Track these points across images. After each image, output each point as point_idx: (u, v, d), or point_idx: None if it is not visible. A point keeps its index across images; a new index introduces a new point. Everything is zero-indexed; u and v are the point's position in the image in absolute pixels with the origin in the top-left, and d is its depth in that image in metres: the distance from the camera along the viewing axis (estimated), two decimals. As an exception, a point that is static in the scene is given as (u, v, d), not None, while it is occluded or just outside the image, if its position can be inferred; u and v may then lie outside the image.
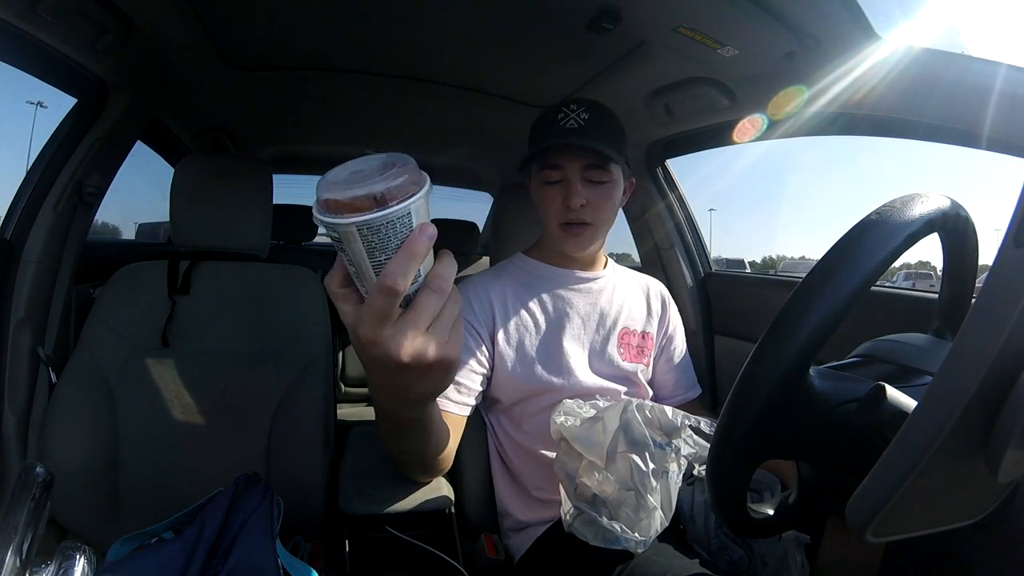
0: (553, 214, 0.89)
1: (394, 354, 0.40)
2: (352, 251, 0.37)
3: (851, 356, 0.56)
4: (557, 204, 0.88)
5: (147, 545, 0.70)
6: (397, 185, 0.35)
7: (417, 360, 0.41)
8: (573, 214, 0.87)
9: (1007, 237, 0.33)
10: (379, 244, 0.36)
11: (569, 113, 0.87)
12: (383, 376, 0.45)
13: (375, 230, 0.35)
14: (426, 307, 0.40)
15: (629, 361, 0.94)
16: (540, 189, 0.90)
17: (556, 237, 0.91)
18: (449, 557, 0.82)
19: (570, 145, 0.85)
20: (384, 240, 0.35)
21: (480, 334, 0.89)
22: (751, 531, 0.53)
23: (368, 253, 0.36)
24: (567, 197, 0.86)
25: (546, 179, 0.89)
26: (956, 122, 0.74)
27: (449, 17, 1.00)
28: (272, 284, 1.05)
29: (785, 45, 0.85)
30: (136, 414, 0.93)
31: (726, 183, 1.70)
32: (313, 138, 1.94)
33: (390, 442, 0.70)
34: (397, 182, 0.35)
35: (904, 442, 0.35)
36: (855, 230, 0.43)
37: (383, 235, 0.35)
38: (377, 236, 0.35)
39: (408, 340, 0.40)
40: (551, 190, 0.89)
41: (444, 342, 0.42)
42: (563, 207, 0.87)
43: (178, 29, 0.99)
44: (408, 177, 0.36)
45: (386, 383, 0.47)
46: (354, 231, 0.35)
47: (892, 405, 0.41)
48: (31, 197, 0.98)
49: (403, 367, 0.41)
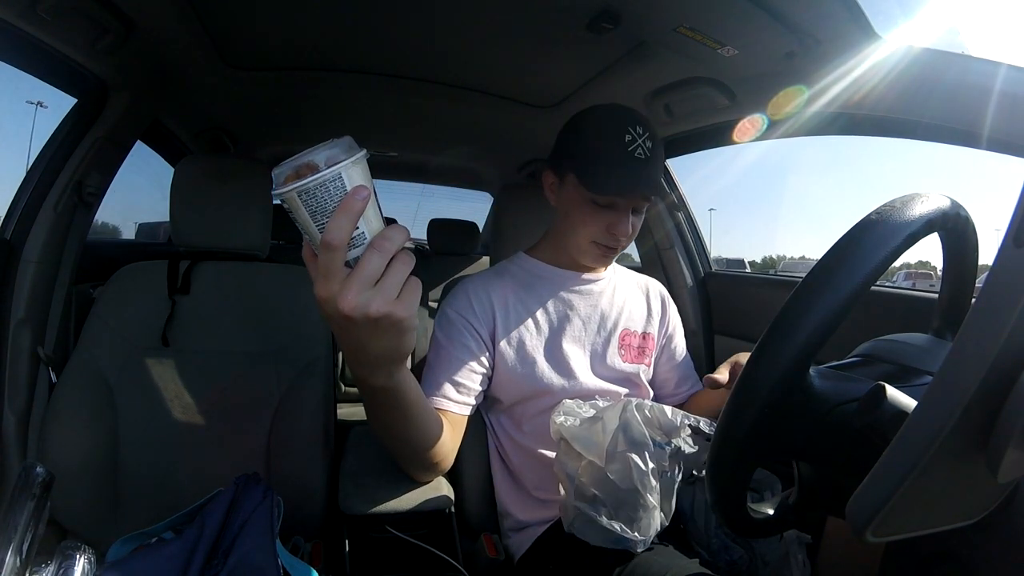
0: (591, 232, 0.86)
1: (339, 307, 0.44)
2: (299, 218, 0.42)
3: (851, 356, 0.56)
4: (600, 226, 0.85)
5: (147, 545, 0.70)
6: (327, 155, 0.41)
7: (360, 313, 0.45)
8: (613, 240, 0.86)
9: (1007, 237, 0.33)
10: (318, 207, 0.41)
11: (637, 138, 0.82)
12: (340, 332, 0.49)
13: (311, 193, 0.40)
14: (368, 264, 0.44)
15: (630, 363, 0.94)
16: (580, 204, 0.86)
17: (582, 250, 0.89)
18: (449, 557, 0.82)
19: (641, 183, 0.81)
20: (321, 203, 0.40)
21: (480, 333, 0.89)
22: (751, 531, 0.53)
23: (311, 217, 0.41)
24: (615, 225, 0.84)
25: (596, 200, 0.84)
26: (956, 122, 0.74)
27: (449, 17, 1.00)
28: (272, 284, 1.05)
29: (785, 45, 0.85)
30: (136, 414, 0.93)
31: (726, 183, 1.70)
32: (313, 138, 1.92)
33: (372, 418, 0.69)
34: (327, 152, 0.41)
35: (904, 442, 0.35)
36: (855, 230, 0.43)
37: (319, 198, 0.40)
38: (314, 199, 0.40)
39: (352, 294, 0.44)
40: (595, 210, 0.85)
41: (391, 299, 0.45)
42: (605, 231, 0.85)
43: (178, 29, 0.99)
44: (340, 148, 0.41)
45: (344, 340, 0.50)
46: (295, 196, 0.40)
47: (892, 405, 0.41)
48: (31, 197, 0.98)
49: (349, 320, 0.45)
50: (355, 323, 0.45)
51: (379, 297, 0.45)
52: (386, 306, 0.45)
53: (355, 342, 0.49)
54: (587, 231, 0.86)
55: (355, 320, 0.45)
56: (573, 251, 0.91)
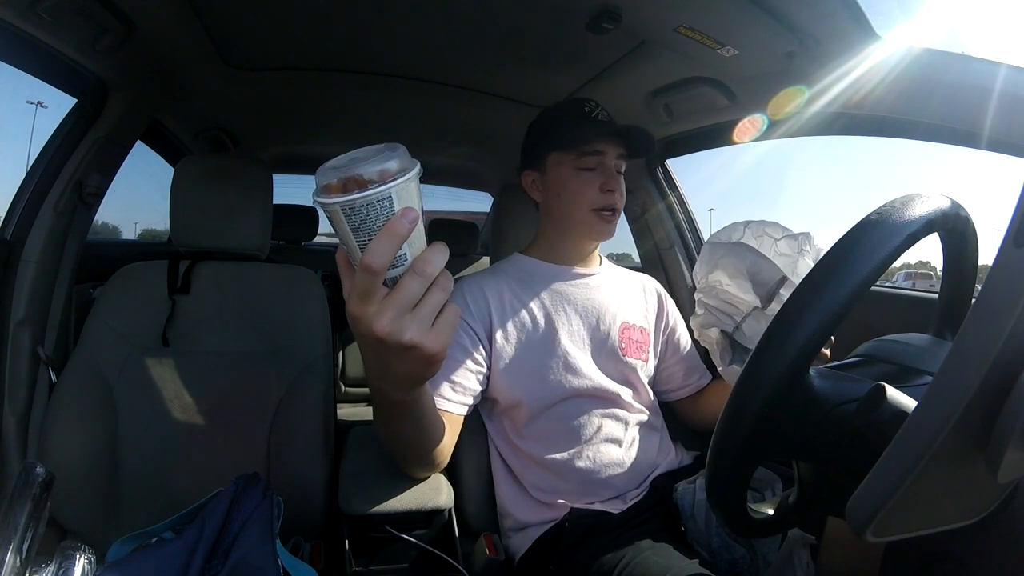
0: (588, 199, 0.90)
1: (373, 330, 0.42)
2: (340, 230, 0.39)
3: (851, 356, 0.56)
4: (593, 189, 0.90)
5: (147, 545, 0.71)
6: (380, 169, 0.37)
7: (393, 339, 0.43)
8: (610, 199, 0.90)
9: (1007, 237, 0.33)
10: (361, 225, 0.38)
11: (595, 108, 0.90)
12: (367, 350, 0.48)
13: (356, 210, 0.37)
14: (407, 289, 0.42)
15: (631, 357, 0.94)
16: (573, 176, 0.91)
17: (586, 223, 0.92)
18: (449, 557, 0.82)
19: (613, 132, 0.89)
20: (366, 221, 0.38)
21: (476, 332, 0.89)
22: (751, 531, 0.53)
23: (353, 232, 0.38)
24: (607, 181, 0.89)
25: (583, 166, 0.90)
26: (956, 122, 0.74)
27: (449, 17, 1.00)
28: (272, 284, 1.05)
29: (785, 45, 0.85)
30: (136, 414, 0.93)
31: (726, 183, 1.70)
32: (313, 138, 1.94)
33: (381, 424, 0.69)
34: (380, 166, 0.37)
35: (904, 442, 0.35)
36: (855, 230, 0.43)
37: (364, 216, 0.37)
38: (359, 216, 0.37)
39: (386, 319, 0.42)
40: (586, 176, 0.90)
41: (425, 328, 0.44)
42: (599, 193, 0.90)
43: (178, 29, 0.99)
44: (396, 163, 0.38)
45: (370, 358, 0.49)
46: (338, 210, 0.37)
47: (892, 405, 0.41)
48: (31, 197, 0.98)
49: (381, 344, 0.43)
50: (386, 347, 0.44)
51: (415, 325, 0.43)
52: (419, 336, 0.43)
53: (383, 363, 0.48)
54: (584, 200, 0.91)
55: (387, 344, 0.43)
56: (576, 231, 0.95)
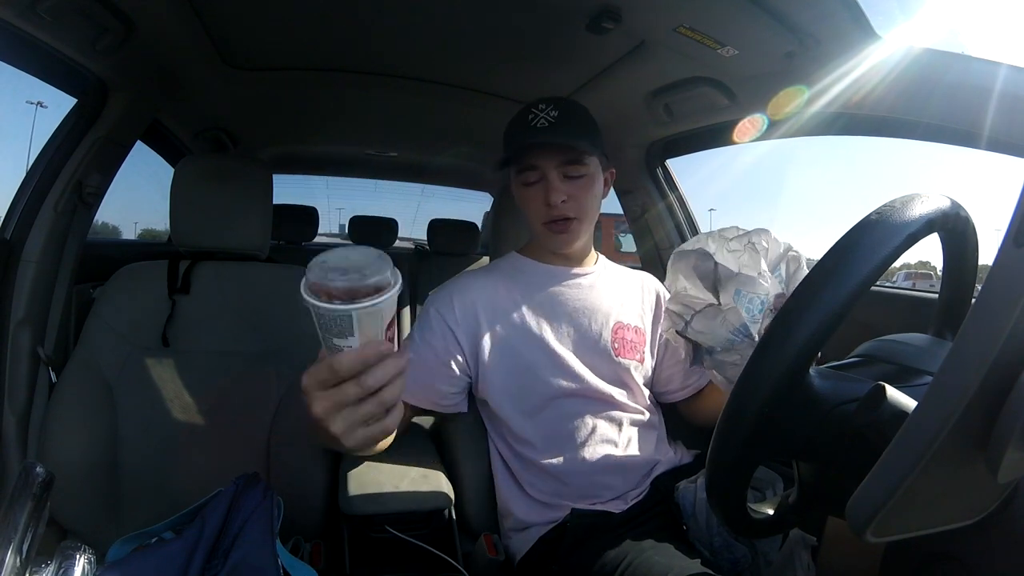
0: (536, 214, 0.91)
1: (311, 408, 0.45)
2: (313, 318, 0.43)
3: (851, 356, 0.56)
4: (538, 203, 0.89)
5: (147, 545, 0.71)
6: (348, 288, 0.41)
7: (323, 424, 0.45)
8: (556, 211, 0.88)
9: (1007, 237, 0.33)
10: (324, 327, 0.42)
11: (538, 113, 0.88)
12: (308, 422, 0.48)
13: (320, 315, 0.42)
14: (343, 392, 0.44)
15: (623, 357, 0.93)
16: (520, 191, 0.92)
17: (542, 236, 0.93)
18: (449, 557, 0.82)
19: (543, 144, 0.87)
20: (327, 325, 0.42)
21: (455, 334, 0.90)
22: (751, 531, 0.53)
23: (319, 327, 0.43)
24: (547, 195, 0.88)
25: (525, 181, 0.90)
26: (956, 122, 0.74)
27: (449, 17, 1.00)
28: (272, 284, 1.05)
29: (785, 45, 0.85)
30: (136, 414, 0.93)
31: (726, 183, 1.70)
32: (313, 138, 1.94)
33: None
34: (349, 285, 0.41)
35: (904, 442, 0.35)
36: (855, 230, 0.43)
37: (325, 321, 0.42)
38: (323, 320, 0.42)
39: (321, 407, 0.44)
40: (531, 191, 0.90)
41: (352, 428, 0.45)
42: (544, 206, 0.89)
43: (178, 29, 0.99)
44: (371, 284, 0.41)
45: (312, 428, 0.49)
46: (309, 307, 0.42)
47: (892, 405, 0.41)
48: (31, 197, 0.98)
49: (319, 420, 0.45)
50: (319, 428, 0.45)
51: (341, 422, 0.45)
52: (343, 433, 0.45)
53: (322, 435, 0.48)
54: (533, 215, 0.91)
55: (320, 427, 0.45)
56: (541, 243, 0.95)
